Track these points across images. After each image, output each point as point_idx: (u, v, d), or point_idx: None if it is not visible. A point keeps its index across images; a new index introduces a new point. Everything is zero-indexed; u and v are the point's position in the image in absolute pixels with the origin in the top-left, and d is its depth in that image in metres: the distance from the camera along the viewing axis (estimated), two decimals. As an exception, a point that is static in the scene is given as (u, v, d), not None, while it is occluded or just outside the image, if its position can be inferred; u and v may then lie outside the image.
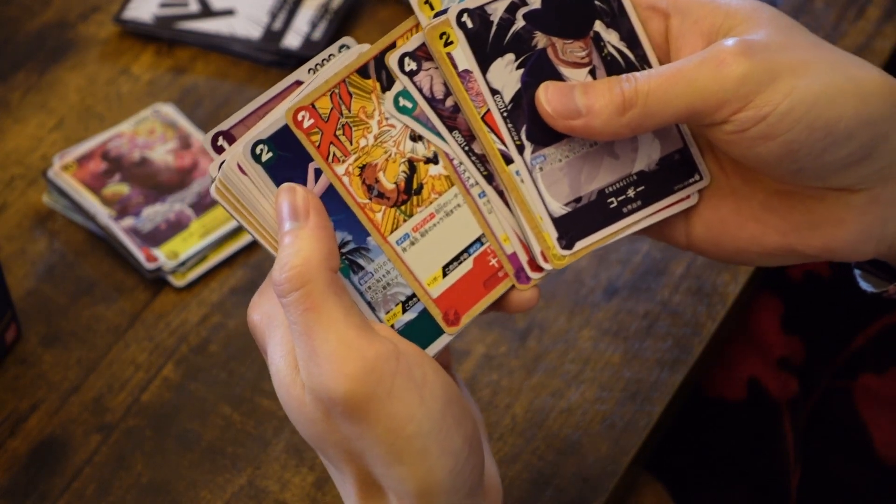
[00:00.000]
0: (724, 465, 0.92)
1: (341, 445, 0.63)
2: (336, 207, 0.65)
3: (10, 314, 0.86)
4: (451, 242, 0.68)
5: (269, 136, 0.64)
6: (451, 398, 0.63)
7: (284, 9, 1.03)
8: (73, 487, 0.81)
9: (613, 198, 0.70)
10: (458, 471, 0.63)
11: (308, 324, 0.62)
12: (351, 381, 0.61)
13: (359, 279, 0.66)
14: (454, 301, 0.68)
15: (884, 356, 0.95)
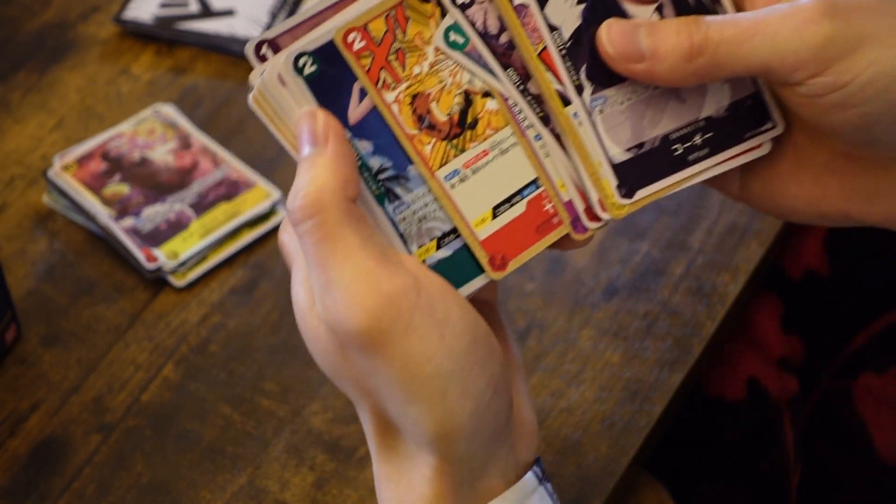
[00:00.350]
0: (723, 464, 0.92)
1: (356, 381, 0.61)
2: (378, 131, 0.63)
3: (10, 314, 0.86)
4: (504, 182, 0.64)
5: (315, 49, 0.62)
6: (477, 338, 0.61)
7: (284, 9, 1.03)
8: (73, 487, 0.81)
9: (679, 144, 0.66)
10: (480, 414, 0.60)
11: (322, 254, 0.59)
12: (366, 314, 0.59)
13: (393, 208, 0.63)
14: (503, 245, 0.64)
15: (884, 355, 0.95)
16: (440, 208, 0.64)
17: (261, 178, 0.93)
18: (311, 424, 0.83)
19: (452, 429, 0.60)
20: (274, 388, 0.85)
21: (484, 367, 0.60)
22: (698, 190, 0.93)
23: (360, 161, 0.63)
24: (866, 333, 0.95)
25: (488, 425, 0.61)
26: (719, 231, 0.91)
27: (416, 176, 0.63)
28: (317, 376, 0.85)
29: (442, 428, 0.60)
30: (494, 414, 0.61)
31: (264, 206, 0.92)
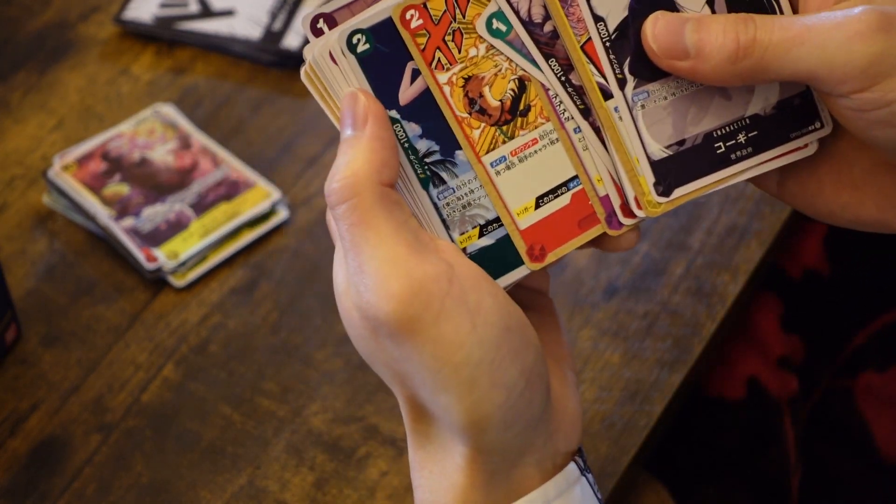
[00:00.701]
0: (724, 464, 0.92)
1: (389, 366, 0.61)
2: (427, 113, 0.62)
3: (10, 314, 0.86)
4: (550, 173, 0.64)
5: (370, 26, 0.61)
6: (510, 327, 0.60)
7: (284, 9, 1.03)
8: (73, 487, 0.81)
9: (721, 142, 0.64)
10: (511, 405, 0.60)
11: (355, 239, 0.59)
12: (396, 300, 0.58)
13: (438, 193, 0.63)
14: (543, 236, 0.64)
15: (885, 354, 0.95)
16: (485, 195, 0.63)
17: (261, 178, 0.93)
18: (311, 424, 0.83)
19: (483, 418, 0.60)
20: (274, 388, 0.85)
21: (516, 358, 0.60)
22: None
23: (406, 143, 0.62)
24: (866, 332, 0.95)
25: (521, 415, 0.61)
26: (719, 231, 0.91)
27: (464, 161, 0.63)
28: (317, 376, 0.85)
29: (472, 417, 0.60)
30: (527, 404, 0.61)
31: (264, 206, 0.92)
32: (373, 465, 0.81)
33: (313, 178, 0.94)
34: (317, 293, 0.89)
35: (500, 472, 0.62)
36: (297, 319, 0.88)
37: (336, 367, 0.85)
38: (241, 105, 0.99)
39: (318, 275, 0.90)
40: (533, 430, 0.62)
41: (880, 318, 0.95)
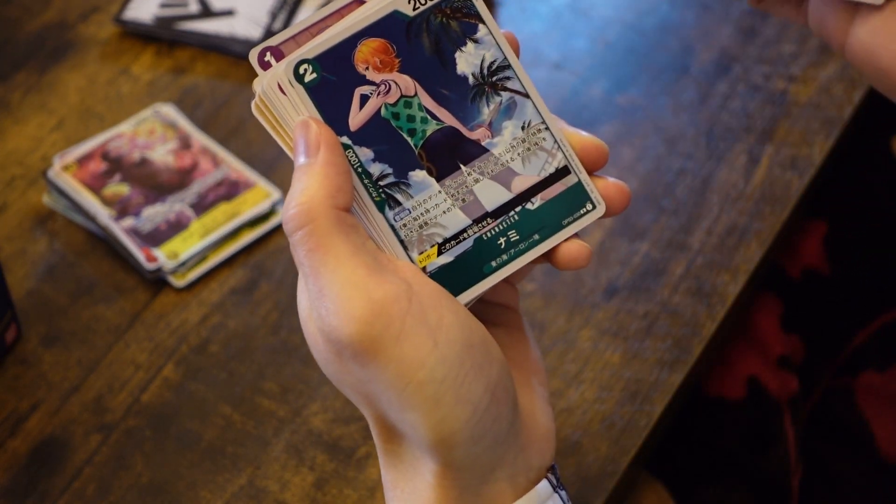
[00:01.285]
0: (724, 464, 0.92)
1: (356, 388, 0.61)
2: (380, 137, 0.64)
3: (11, 314, 0.86)
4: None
5: (316, 55, 0.63)
6: (472, 343, 0.61)
7: (284, 9, 1.03)
8: (74, 487, 0.81)
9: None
10: (477, 420, 0.60)
11: (313, 264, 0.60)
12: (356, 322, 0.59)
13: (394, 215, 0.64)
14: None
15: (885, 353, 0.95)
16: (442, 213, 0.64)
17: (261, 178, 0.93)
18: (311, 424, 0.83)
19: (449, 435, 0.60)
20: (274, 388, 0.85)
21: (480, 373, 0.61)
22: (698, 190, 0.93)
23: (360, 167, 0.63)
24: (866, 332, 0.95)
25: (488, 430, 0.61)
26: (719, 231, 0.91)
27: (418, 182, 0.64)
28: (317, 376, 0.85)
29: (439, 434, 0.60)
30: (494, 419, 0.61)
31: (264, 206, 0.92)
32: (373, 465, 0.81)
33: (313, 178, 0.94)
34: (317, 293, 0.89)
35: (471, 487, 0.62)
36: (297, 319, 0.87)
37: (336, 367, 0.85)
38: (241, 105, 0.99)
39: (318, 275, 0.90)
40: (502, 444, 0.62)
41: (880, 317, 0.95)
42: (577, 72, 1.01)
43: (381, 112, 0.64)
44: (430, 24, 0.65)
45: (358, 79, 0.64)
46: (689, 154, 0.96)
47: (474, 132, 0.65)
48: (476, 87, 0.65)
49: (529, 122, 0.66)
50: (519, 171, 0.66)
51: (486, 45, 0.66)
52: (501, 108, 0.66)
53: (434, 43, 0.65)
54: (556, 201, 0.66)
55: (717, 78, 1.00)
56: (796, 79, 0.99)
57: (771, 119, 0.97)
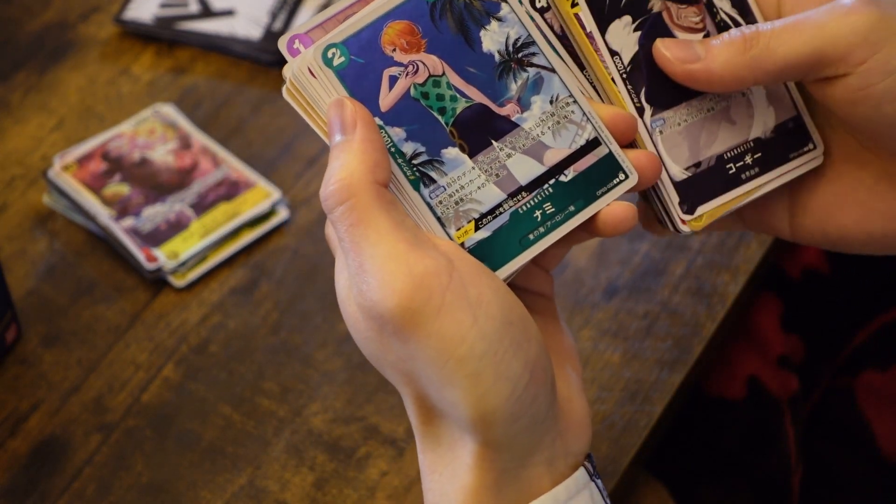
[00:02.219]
0: (724, 464, 0.92)
1: (396, 366, 0.62)
2: (409, 117, 0.65)
3: (11, 314, 0.86)
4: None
5: (343, 39, 0.64)
6: (512, 320, 0.61)
7: (285, 9, 1.03)
8: (74, 487, 0.81)
9: (732, 164, 0.69)
10: (517, 398, 0.60)
11: (355, 239, 0.60)
12: (397, 295, 0.59)
13: (429, 192, 0.64)
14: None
15: (886, 353, 0.95)
16: (477, 189, 0.65)
17: (261, 178, 0.93)
18: (311, 424, 0.83)
19: (489, 411, 0.60)
20: (274, 388, 0.85)
21: (519, 350, 0.61)
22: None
23: (393, 147, 0.64)
24: (866, 332, 0.95)
25: (527, 409, 0.61)
26: (719, 231, 0.91)
27: (451, 159, 0.65)
28: (317, 376, 0.85)
29: (478, 410, 0.60)
30: (533, 398, 0.61)
31: (264, 206, 0.92)
32: (373, 465, 0.81)
33: (313, 178, 0.94)
34: (317, 293, 0.89)
35: (510, 471, 0.62)
36: (297, 319, 0.88)
37: (336, 367, 0.85)
38: (241, 105, 0.99)
39: (318, 275, 0.90)
40: (541, 425, 0.62)
41: (880, 317, 0.95)
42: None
43: (411, 92, 0.65)
44: (454, 5, 0.66)
45: (386, 61, 0.65)
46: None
47: (504, 108, 0.66)
48: (503, 64, 0.66)
49: (558, 96, 0.67)
50: (550, 144, 0.66)
51: (510, 22, 0.66)
52: (529, 83, 0.66)
53: (458, 23, 0.66)
54: (589, 172, 0.67)
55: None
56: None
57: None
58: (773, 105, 0.70)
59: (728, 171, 0.69)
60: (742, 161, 0.69)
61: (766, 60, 0.64)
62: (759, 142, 0.70)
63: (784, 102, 0.70)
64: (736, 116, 0.69)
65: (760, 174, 0.70)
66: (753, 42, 0.64)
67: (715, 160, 0.69)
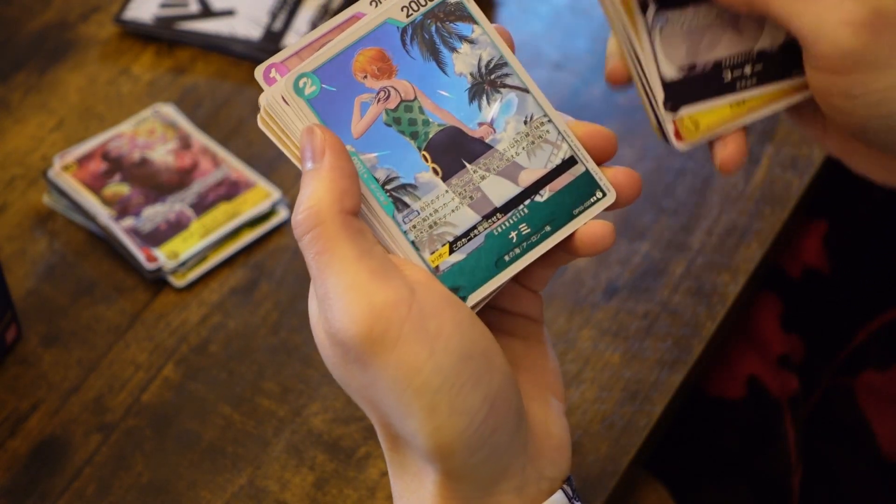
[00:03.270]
0: (724, 463, 0.92)
1: (361, 392, 0.62)
2: (383, 142, 0.65)
3: (11, 314, 0.86)
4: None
5: (315, 68, 0.64)
6: (472, 354, 0.61)
7: (284, 9, 1.03)
8: (74, 487, 0.81)
9: (729, 71, 0.69)
10: (474, 431, 0.61)
11: (320, 266, 0.61)
12: (357, 325, 0.60)
13: (403, 217, 0.64)
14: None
15: (886, 353, 0.95)
16: (451, 212, 0.65)
17: (261, 178, 0.93)
18: (311, 424, 0.83)
19: (446, 443, 0.61)
20: (274, 388, 0.85)
21: (478, 384, 0.61)
22: (698, 190, 0.93)
23: (366, 174, 0.64)
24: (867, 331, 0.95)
25: (486, 441, 0.61)
26: (719, 231, 0.91)
27: (425, 183, 0.65)
28: (317, 376, 0.85)
29: (435, 441, 0.61)
30: (492, 431, 0.61)
31: (264, 206, 0.92)
32: (373, 465, 0.81)
33: (313, 178, 0.94)
34: (317, 293, 0.89)
35: (474, 500, 0.63)
36: (297, 319, 0.88)
37: (336, 367, 0.85)
38: (241, 105, 0.99)
39: (318, 275, 0.90)
40: (504, 455, 0.62)
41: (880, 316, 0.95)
42: (577, 72, 1.01)
43: (383, 118, 0.65)
44: (424, 29, 0.66)
45: (357, 87, 0.65)
46: (689, 154, 0.95)
47: (477, 130, 0.66)
48: (475, 87, 0.66)
49: (532, 116, 0.66)
50: (525, 164, 0.66)
51: (482, 44, 0.66)
52: (502, 104, 0.66)
53: (429, 46, 0.66)
54: (565, 192, 0.66)
55: (718, 78, 1.00)
56: (796, 78, 0.99)
57: (771, 119, 0.97)
58: None
59: (723, 77, 0.68)
60: (741, 70, 0.68)
61: (760, 4, 0.65)
62: (763, 54, 0.69)
63: None
64: (744, 26, 0.68)
65: (757, 85, 0.69)
66: None
67: (712, 65, 0.68)
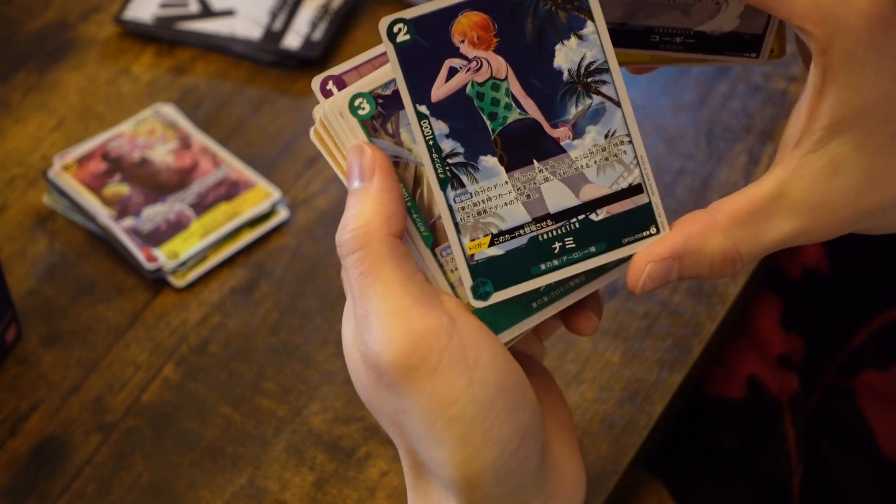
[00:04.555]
0: (724, 463, 0.92)
1: (390, 417, 0.62)
2: (459, 114, 0.62)
3: (11, 314, 0.86)
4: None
5: (413, 17, 0.61)
6: (507, 385, 0.61)
7: (284, 9, 1.03)
8: (74, 487, 0.81)
9: (658, 35, 0.66)
10: (503, 463, 0.61)
11: (363, 288, 0.61)
12: (396, 349, 0.60)
13: (455, 196, 0.62)
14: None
15: (886, 352, 0.95)
16: (503, 205, 0.63)
17: (261, 178, 0.93)
18: (311, 424, 0.83)
19: (474, 474, 0.60)
20: (274, 388, 0.85)
21: (511, 416, 0.61)
22: (698, 190, 0.93)
23: (432, 140, 0.62)
24: (867, 331, 0.95)
25: (513, 473, 0.61)
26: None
27: (488, 168, 0.63)
28: (317, 376, 0.85)
29: (463, 472, 0.60)
30: (521, 462, 0.61)
31: (264, 206, 0.92)
32: (373, 465, 0.81)
33: (313, 178, 0.94)
34: (317, 293, 0.89)
35: None
36: (297, 319, 0.88)
37: (336, 367, 0.85)
38: (241, 105, 0.99)
39: (318, 275, 0.90)
40: (527, 488, 0.62)
41: (880, 316, 0.95)
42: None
43: (467, 89, 0.62)
44: (538, 10, 0.62)
45: (451, 50, 0.62)
46: (689, 154, 0.95)
47: (556, 130, 0.63)
48: (569, 85, 0.63)
49: (614, 132, 0.63)
50: (592, 178, 0.63)
51: (590, 43, 0.63)
52: (589, 111, 0.63)
53: (537, 30, 0.63)
54: (622, 217, 0.64)
55: (717, 78, 1.00)
56: (796, 79, 0.99)
57: (771, 119, 0.97)
58: (742, 20, 0.66)
59: (650, 38, 0.66)
60: (671, 38, 0.66)
61: None
62: (700, 34, 0.66)
63: (757, 22, 0.66)
64: (694, 13, 0.66)
65: (682, 52, 0.66)
66: None
67: (643, 28, 0.66)
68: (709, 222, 0.62)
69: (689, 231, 0.62)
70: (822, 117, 0.61)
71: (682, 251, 0.62)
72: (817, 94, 0.61)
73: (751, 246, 0.62)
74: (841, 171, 0.62)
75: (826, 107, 0.61)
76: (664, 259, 0.62)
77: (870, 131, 0.61)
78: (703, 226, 0.62)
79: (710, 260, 0.62)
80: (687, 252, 0.62)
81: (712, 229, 0.62)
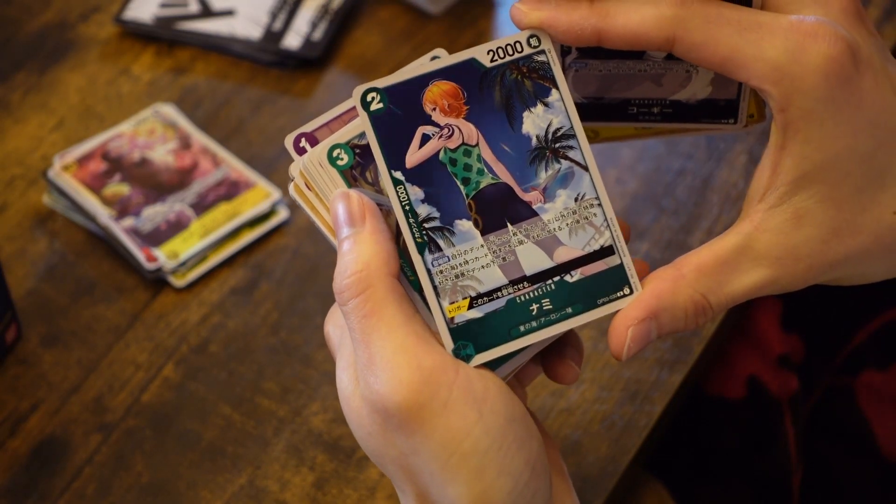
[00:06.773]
0: (724, 463, 0.92)
1: (398, 462, 0.62)
2: (433, 179, 0.64)
3: (11, 314, 0.86)
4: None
5: (386, 87, 0.63)
6: (515, 417, 0.61)
7: (284, 9, 1.03)
8: (74, 487, 0.81)
9: (635, 107, 0.68)
10: (517, 494, 0.61)
11: (366, 330, 0.61)
12: (406, 389, 0.60)
13: (433, 259, 0.63)
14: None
15: (886, 352, 0.95)
16: (480, 268, 0.64)
17: (261, 178, 0.93)
18: (311, 424, 0.83)
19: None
20: (274, 388, 0.85)
21: (522, 446, 0.61)
22: (698, 190, 0.93)
23: (408, 205, 0.64)
24: (866, 331, 0.95)
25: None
26: (719, 231, 0.91)
27: (463, 232, 0.64)
28: (317, 376, 0.85)
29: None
30: (533, 494, 0.61)
31: (264, 206, 0.92)
32: (373, 465, 0.81)
33: (313, 178, 0.94)
34: (317, 293, 0.89)
35: None
36: (297, 319, 0.88)
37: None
38: (241, 105, 0.99)
39: (318, 275, 0.90)
40: None
41: (880, 316, 0.95)
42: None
43: (440, 155, 0.64)
44: (505, 79, 0.65)
45: (423, 117, 0.64)
46: (689, 154, 0.96)
47: (528, 194, 0.65)
48: (537, 150, 0.65)
49: (584, 195, 0.65)
50: (564, 241, 0.65)
51: (556, 110, 0.65)
52: (559, 175, 0.65)
53: (505, 98, 0.65)
54: (595, 279, 0.65)
55: (718, 78, 1.00)
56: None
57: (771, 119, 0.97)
58: (714, 86, 0.68)
59: (628, 110, 0.68)
60: (647, 109, 0.68)
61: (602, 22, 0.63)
62: (676, 103, 0.68)
63: (729, 87, 0.68)
64: (666, 82, 0.68)
65: (661, 122, 0.69)
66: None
67: (619, 101, 0.68)
68: (676, 277, 0.63)
69: (659, 289, 0.63)
70: (785, 173, 0.63)
71: (657, 309, 0.63)
72: (779, 150, 0.63)
73: (719, 296, 0.63)
74: (805, 223, 0.63)
75: (788, 162, 0.63)
76: (642, 321, 0.63)
77: (833, 184, 0.62)
78: (671, 282, 0.63)
79: (684, 312, 0.63)
80: (661, 310, 0.63)
81: (680, 283, 0.63)
